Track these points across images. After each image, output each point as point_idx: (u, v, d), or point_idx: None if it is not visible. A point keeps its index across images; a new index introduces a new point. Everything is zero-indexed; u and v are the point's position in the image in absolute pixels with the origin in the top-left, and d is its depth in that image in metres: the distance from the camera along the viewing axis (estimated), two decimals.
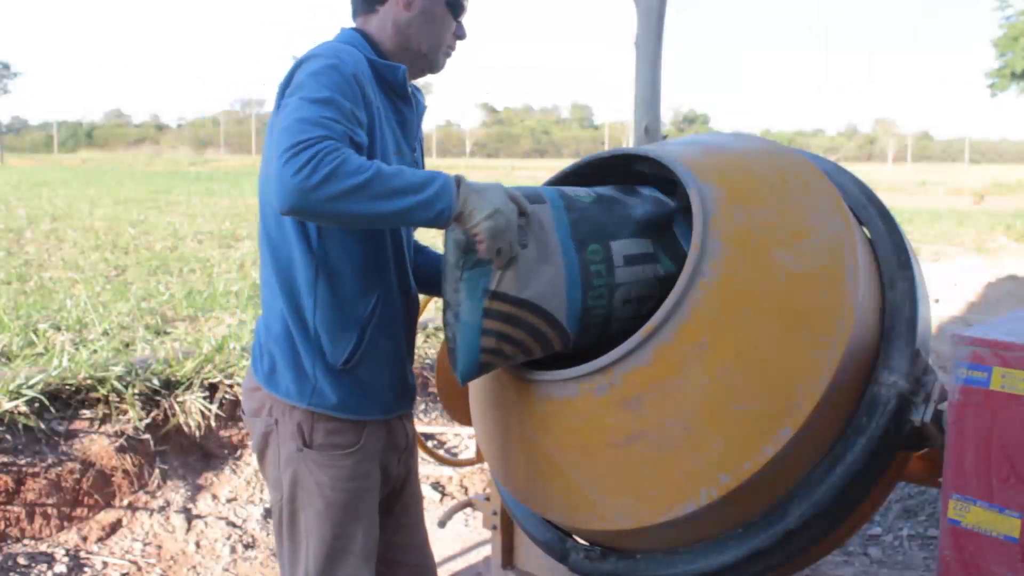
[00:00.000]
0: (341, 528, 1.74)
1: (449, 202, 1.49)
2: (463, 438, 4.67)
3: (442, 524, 2.67)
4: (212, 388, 4.34)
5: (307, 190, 1.39)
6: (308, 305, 1.68)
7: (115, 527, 3.59)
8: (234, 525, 3.71)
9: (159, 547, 3.50)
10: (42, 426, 3.74)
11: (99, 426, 3.90)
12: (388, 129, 1.72)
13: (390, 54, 1.78)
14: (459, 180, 1.53)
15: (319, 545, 1.73)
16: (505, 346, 1.59)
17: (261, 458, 1.80)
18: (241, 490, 4.02)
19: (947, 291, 8.64)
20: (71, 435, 3.82)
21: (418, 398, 4.44)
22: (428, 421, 4.86)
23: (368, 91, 1.64)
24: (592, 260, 1.61)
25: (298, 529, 1.75)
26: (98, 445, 3.80)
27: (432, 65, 1.84)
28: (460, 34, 1.85)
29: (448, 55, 1.85)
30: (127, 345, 4.98)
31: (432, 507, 3.91)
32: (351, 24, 1.84)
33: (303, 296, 1.69)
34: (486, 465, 2.94)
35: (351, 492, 1.74)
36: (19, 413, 3.69)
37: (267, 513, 3.83)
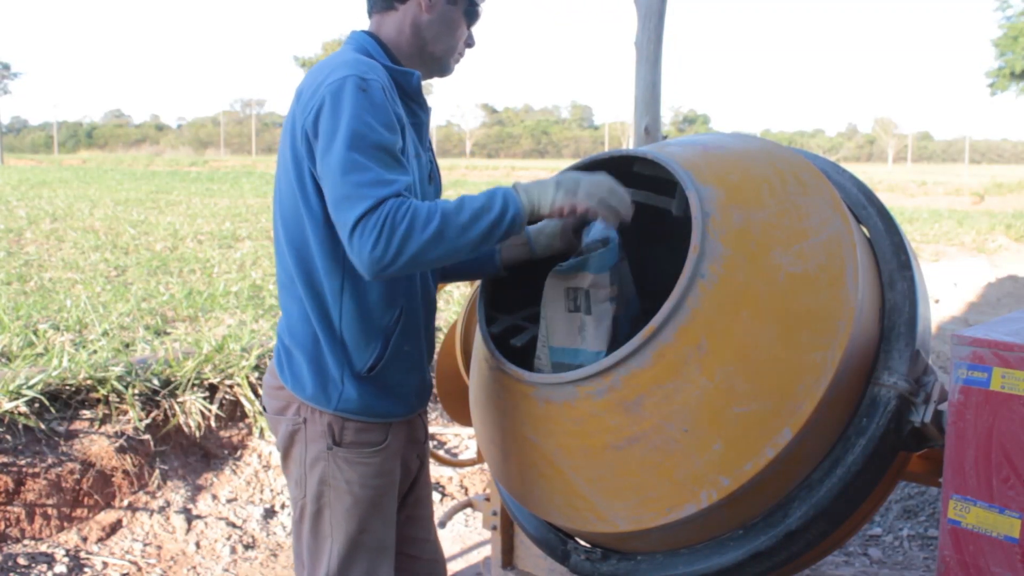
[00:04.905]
0: (366, 524, 1.77)
1: (518, 206, 1.58)
2: (463, 438, 4.66)
3: (442, 524, 2.67)
4: (212, 388, 4.34)
5: (388, 262, 1.49)
6: (334, 313, 1.70)
7: (115, 527, 3.59)
8: (234, 525, 3.71)
9: (159, 547, 3.50)
10: (42, 426, 3.74)
11: (99, 426, 3.90)
12: (409, 135, 1.73)
13: (404, 56, 1.79)
14: (514, 185, 1.62)
15: (344, 541, 1.76)
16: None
17: (286, 456, 1.81)
18: (241, 490, 4.02)
19: (947, 291, 8.65)
20: (71, 435, 3.82)
21: None
22: (428, 421, 4.86)
23: (395, 100, 1.66)
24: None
25: (322, 526, 1.77)
26: (98, 445, 3.80)
27: (443, 69, 1.86)
28: (470, 42, 1.88)
29: (458, 61, 1.88)
30: (127, 345, 4.98)
31: (432, 507, 3.91)
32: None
33: (329, 304, 1.70)
34: (486, 465, 2.94)
35: (377, 489, 1.77)
36: (19, 413, 3.69)
37: (267, 513, 3.83)
